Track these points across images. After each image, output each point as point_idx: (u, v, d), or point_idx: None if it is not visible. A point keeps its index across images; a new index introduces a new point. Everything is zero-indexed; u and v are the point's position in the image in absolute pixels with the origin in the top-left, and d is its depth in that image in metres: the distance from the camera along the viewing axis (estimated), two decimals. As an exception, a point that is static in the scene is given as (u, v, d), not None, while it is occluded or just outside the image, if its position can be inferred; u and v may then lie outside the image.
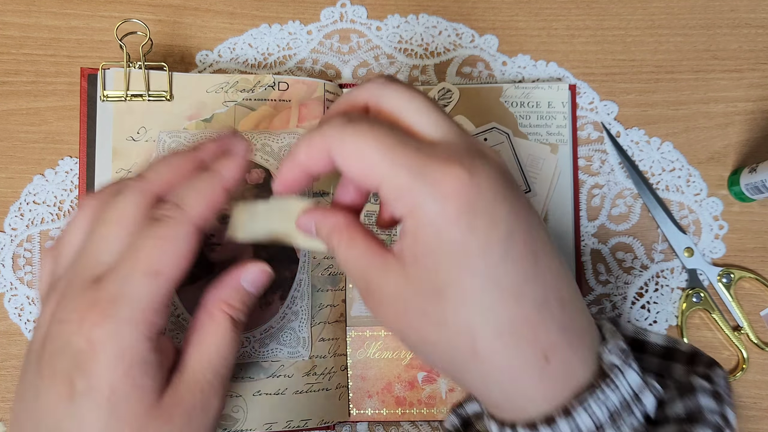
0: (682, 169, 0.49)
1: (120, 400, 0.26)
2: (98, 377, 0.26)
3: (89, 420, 0.26)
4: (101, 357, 0.26)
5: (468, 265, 0.25)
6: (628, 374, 0.27)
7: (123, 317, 0.27)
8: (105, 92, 0.45)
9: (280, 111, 0.46)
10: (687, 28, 0.51)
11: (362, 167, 0.26)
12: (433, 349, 0.27)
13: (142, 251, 0.28)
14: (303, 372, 0.44)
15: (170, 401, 0.28)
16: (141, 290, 0.27)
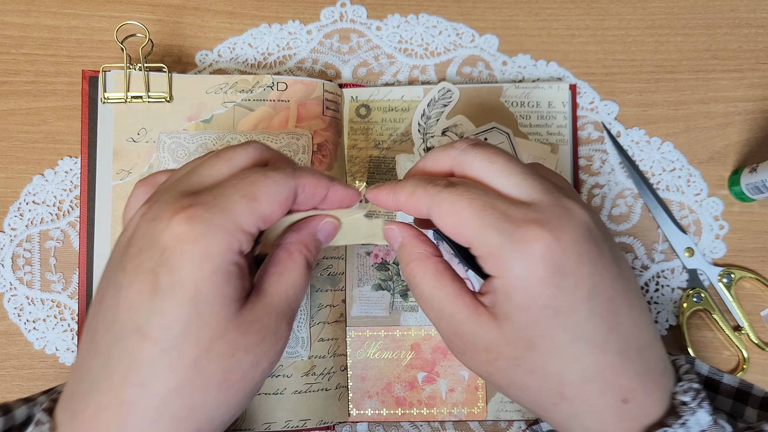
0: (682, 169, 0.49)
1: (203, 301, 0.26)
2: (184, 274, 0.26)
3: (171, 317, 0.26)
4: (188, 255, 0.26)
5: (557, 322, 0.28)
6: (698, 413, 0.29)
7: (213, 222, 0.27)
8: (106, 94, 0.45)
9: (278, 111, 0.46)
10: (687, 28, 0.51)
11: (455, 227, 0.29)
12: (523, 392, 0.30)
13: (247, 179, 0.29)
14: (302, 372, 0.44)
15: (248, 317, 0.28)
16: (235, 207, 0.28)
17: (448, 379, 0.46)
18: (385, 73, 0.50)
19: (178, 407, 0.27)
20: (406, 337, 0.46)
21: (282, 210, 0.30)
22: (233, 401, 0.28)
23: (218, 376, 0.27)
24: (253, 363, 0.28)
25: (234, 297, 0.27)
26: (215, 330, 0.27)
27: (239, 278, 0.28)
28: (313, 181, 0.31)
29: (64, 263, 0.47)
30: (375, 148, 0.48)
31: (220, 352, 0.27)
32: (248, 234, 0.28)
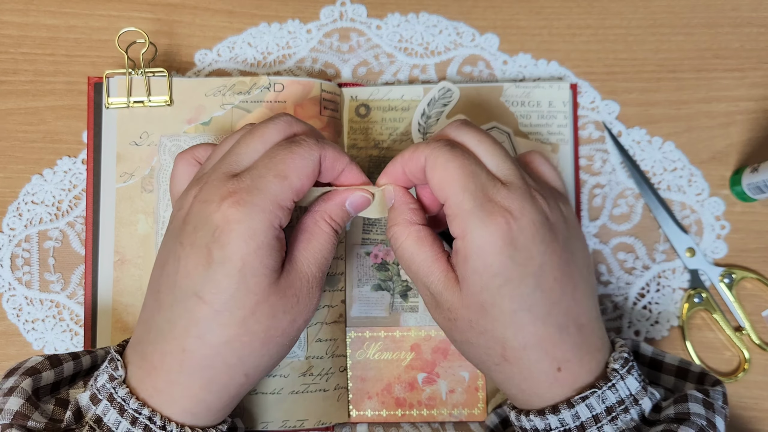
0: (683, 169, 0.49)
1: (249, 272, 0.31)
2: (232, 249, 0.31)
3: (223, 285, 0.31)
4: (235, 233, 0.31)
5: (506, 291, 0.32)
6: (627, 379, 0.33)
7: (255, 204, 0.31)
8: (109, 99, 0.46)
9: (275, 112, 0.45)
10: (689, 27, 0.51)
11: (441, 182, 0.33)
12: (473, 349, 0.35)
13: (277, 158, 0.33)
14: (299, 372, 0.44)
15: (285, 283, 0.33)
16: (270, 187, 0.32)
17: (448, 380, 0.46)
18: (385, 72, 0.50)
19: (229, 356, 0.32)
20: (406, 338, 0.46)
21: (311, 181, 0.34)
22: (274, 352, 0.34)
23: (262, 333, 0.32)
24: (291, 321, 0.33)
25: (274, 267, 0.32)
26: (259, 296, 0.32)
27: (278, 250, 0.32)
28: (334, 154, 0.35)
29: (63, 263, 0.47)
30: (375, 148, 0.48)
31: (263, 314, 0.32)
32: (285, 209, 0.33)
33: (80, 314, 0.47)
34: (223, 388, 0.33)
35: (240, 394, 0.35)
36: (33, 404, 0.33)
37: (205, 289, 0.32)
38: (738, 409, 0.47)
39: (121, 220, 0.45)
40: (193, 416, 0.33)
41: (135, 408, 0.32)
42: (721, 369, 0.48)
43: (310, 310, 0.35)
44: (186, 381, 0.33)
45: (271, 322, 0.33)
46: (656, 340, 0.48)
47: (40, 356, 0.36)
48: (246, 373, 0.34)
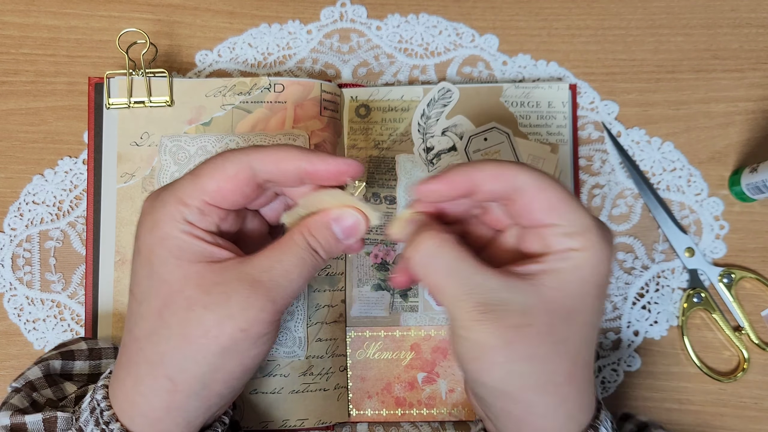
0: (682, 169, 0.49)
1: (158, 261, 0.31)
2: (141, 240, 0.32)
3: (139, 275, 0.32)
4: (143, 225, 0.32)
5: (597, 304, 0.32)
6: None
7: (161, 198, 0.32)
8: (110, 100, 0.46)
9: (275, 113, 0.46)
10: (688, 28, 0.51)
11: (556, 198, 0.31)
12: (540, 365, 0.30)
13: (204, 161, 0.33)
14: (299, 372, 0.44)
15: (213, 278, 0.31)
16: (181, 183, 0.32)
17: (448, 379, 0.46)
18: (385, 73, 0.50)
19: (150, 352, 0.31)
20: (405, 338, 0.46)
21: (231, 186, 0.32)
22: (200, 357, 0.30)
23: (178, 327, 0.30)
24: (216, 322, 0.30)
25: (192, 259, 0.31)
26: (172, 285, 0.31)
27: (195, 244, 0.31)
28: (273, 155, 0.32)
29: (64, 263, 0.47)
30: (375, 148, 0.48)
31: (178, 305, 0.30)
32: (193, 207, 0.31)
33: (81, 314, 0.47)
34: (150, 391, 0.31)
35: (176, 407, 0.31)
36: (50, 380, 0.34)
37: (132, 281, 0.33)
38: (737, 409, 0.47)
39: (122, 221, 0.45)
40: (131, 420, 0.31)
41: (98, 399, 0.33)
42: (720, 369, 0.48)
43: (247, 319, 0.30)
44: (122, 377, 0.32)
45: (188, 316, 0.30)
46: (655, 340, 0.48)
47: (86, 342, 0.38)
48: (169, 377, 0.30)
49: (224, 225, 0.33)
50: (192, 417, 0.32)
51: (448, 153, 0.47)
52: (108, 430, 0.31)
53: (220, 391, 0.32)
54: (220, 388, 0.31)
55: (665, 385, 0.48)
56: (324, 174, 0.32)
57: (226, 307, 0.30)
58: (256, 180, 0.32)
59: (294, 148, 0.32)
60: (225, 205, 0.32)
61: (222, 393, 0.32)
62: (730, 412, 0.47)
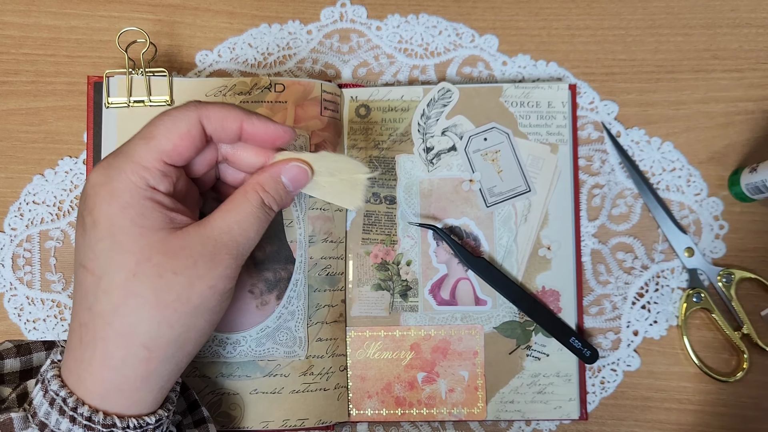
0: (682, 169, 0.49)
1: (120, 232, 0.31)
2: (98, 212, 0.31)
3: (98, 249, 0.31)
4: (100, 197, 0.31)
5: None
6: None
7: (116, 166, 0.31)
8: (109, 99, 0.46)
9: (276, 113, 0.46)
10: (687, 28, 0.51)
11: None
12: None
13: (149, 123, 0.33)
14: (300, 371, 0.44)
15: (177, 243, 0.31)
16: (134, 148, 0.32)
17: (447, 379, 0.46)
18: (385, 73, 0.50)
19: (119, 324, 0.31)
20: (405, 337, 0.46)
21: (186, 143, 0.33)
22: (174, 320, 0.31)
23: (150, 295, 0.31)
24: (187, 284, 0.31)
25: (154, 227, 0.31)
26: (137, 255, 0.31)
27: (156, 210, 0.32)
28: (219, 113, 0.34)
29: (64, 263, 0.47)
30: (375, 148, 0.48)
31: (147, 274, 0.31)
32: (153, 170, 0.32)
33: (81, 314, 0.47)
34: (123, 364, 0.31)
35: (150, 375, 0.32)
36: None
37: (86, 257, 0.31)
38: (737, 409, 0.47)
39: None
40: (101, 399, 0.31)
41: (54, 389, 0.31)
42: (719, 368, 0.48)
43: (215, 276, 0.32)
44: (86, 357, 0.31)
45: (159, 283, 0.31)
46: (655, 340, 0.48)
47: (11, 342, 0.36)
48: (145, 345, 0.31)
49: (178, 186, 0.34)
50: (164, 381, 0.33)
51: (448, 153, 0.47)
52: (77, 414, 0.30)
53: (190, 350, 0.33)
54: (190, 347, 0.33)
55: (665, 385, 0.48)
56: (262, 136, 0.35)
57: (194, 269, 0.31)
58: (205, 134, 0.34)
59: (237, 108, 0.34)
60: (180, 162, 0.33)
61: (191, 352, 0.33)
62: (729, 412, 0.47)
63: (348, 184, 0.36)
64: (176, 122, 0.33)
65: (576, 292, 0.47)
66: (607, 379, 0.48)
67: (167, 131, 0.32)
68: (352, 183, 0.36)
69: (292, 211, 0.44)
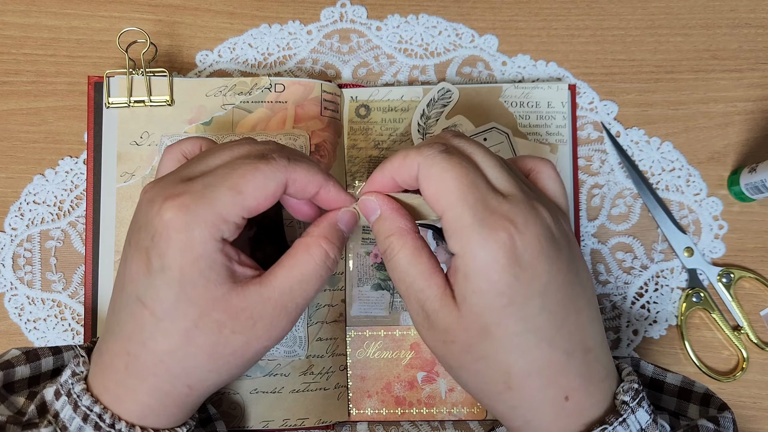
0: (681, 169, 0.49)
1: (188, 284, 0.30)
2: (171, 258, 0.30)
3: (163, 294, 0.30)
4: (173, 242, 0.30)
5: (510, 311, 0.29)
6: (638, 413, 0.31)
7: (198, 214, 0.30)
8: (110, 99, 0.46)
9: (276, 112, 0.46)
10: (687, 28, 0.51)
11: (437, 193, 0.30)
12: (472, 377, 0.31)
13: (237, 170, 0.31)
14: (300, 371, 0.44)
15: (238, 302, 0.31)
16: (220, 198, 0.30)
17: (447, 378, 0.46)
18: (385, 73, 0.51)
19: (173, 365, 0.31)
20: (405, 337, 0.47)
21: (269, 202, 0.32)
22: (224, 370, 0.32)
23: (208, 347, 0.31)
24: (244, 343, 0.31)
25: (219, 281, 0.30)
26: (201, 308, 0.30)
27: (223, 264, 0.31)
28: (305, 177, 0.33)
29: (65, 263, 0.48)
30: (375, 148, 0.48)
31: (207, 327, 0.30)
32: (232, 224, 0.31)
33: (81, 313, 0.47)
34: (166, 396, 0.32)
35: (187, 404, 0.33)
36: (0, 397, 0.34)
37: (147, 295, 0.31)
38: (737, 409, 0.47)
39: (122, 220, 0.45)
40: (139, 419, 0.32)
41: (87, 405, 0.32)
42: (719, 368, 0.48)
43: (271, 338, 0.32)
44: (131, 384, 0.32)
45: (218, 339, 0.31)
46: (654, 339, 0.48)
47: (18, 349, 0.36)
48: (189, 385, 0.32)
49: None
50: (197, 405, 0.34)
51: (447, 153, 0.48)
52: (115, 430, 0.32)
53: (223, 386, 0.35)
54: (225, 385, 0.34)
55: (664, 384, 0.48)
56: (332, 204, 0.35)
57: (253, 330, 0.31)
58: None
59: (320, 173, 0.33)
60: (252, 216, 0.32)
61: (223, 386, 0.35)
62: (729, 412, 0.47)
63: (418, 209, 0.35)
64: (267, 182, 0.31)
65: (576, 291, 0.47)
66: (607, 379, 0.48)
67: (256, 190, 0.31)
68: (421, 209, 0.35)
69: (292, 211, 0.45)
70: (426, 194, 0.31)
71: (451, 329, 0.30)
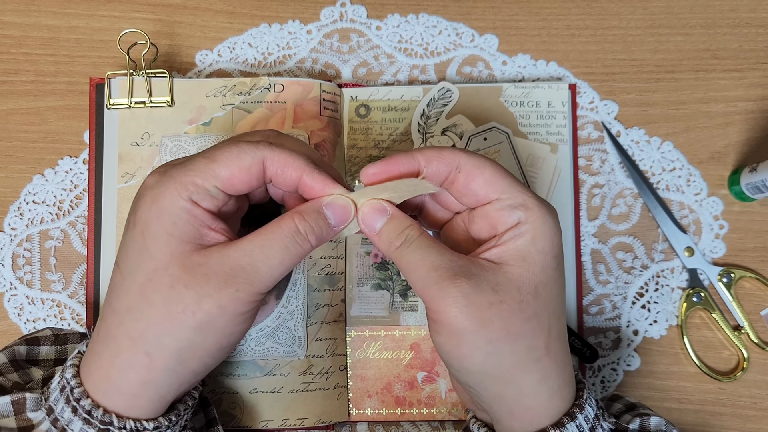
0: (682, 169, 0.49)
1: (149, 237, 0.31)
2: (139, 213, 0.32)
3: (128, 248, 0.32)
4: (144, 198, 0.32)
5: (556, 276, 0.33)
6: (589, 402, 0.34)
7: (171, 175, 0.32)
8: (111, 100, 0.46)
9: (275, 112, 0.46)
10: (687, 28, 0.51)
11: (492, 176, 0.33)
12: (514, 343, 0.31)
13: (218, 145, 0.33)
14: (299, 371, 0.44)
15: (197, 259, 0.31)
16: (193, 164, 0.32)
17: (447, 378, 0.46)
18: (384, 72, 0.50)
19: (130, 327, 0.31)
20: (405, 337, 0.46)
21: (245, 175, 0.32)
22: (178, 333, 0.31)
23: (160, 303, 0.31)
24: (195, 300, 0.31)
25: (182, 238, 0.31)
26: (158, 261, 0.31)
27: (189, 223, 0.31)
28: (284, 159, 0.33)
29: (65, 263, 0.48)
30: (375, 148, 0.48)
31: (160, 282, 0.31)
32: (202, 189, 0.32)
33: (81, 313, 0.47)
34: (127, 366, 0.31)
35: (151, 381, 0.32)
36: (15, 365, 0.35)
37: (120, 255, 0.33)
38: (736, 409, 0.47)
39: (123, 220, 0.44)
40: (104, 395, 0.32)
41: (67, 377, 0.32)
42: (719, 368, 0.48)
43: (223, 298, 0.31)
44: (99, 351, 0.32)
45: (170, 294, 0.31)
46: (655, 339, 0.48)
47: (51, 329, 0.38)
48: (147, 352, 0.31)
49: (225, 208, 0.34)
50: (165, 392, 0.33)
51: (447, 153, 0.47)
52: (79, 406, 0.31)
53: (194, 368, 0.32)
54: (194, 365, 0.32)
55: (665, 384, 0.48)
56: (318, 193, 0.34)
57: (205, 287, 0.31)
58: (265, 175, 0.33)
59: (302, 158, 0.33)
60: (232, 191, 0.33)
61: (196, 371, 0.33)
62: (729, 412, 0.47)
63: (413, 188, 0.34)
64: (241, 154, 0.32)
65: (576, 291, 0.47)
66: (607, 379, 0.48)
67: (229, 159, 0.32)
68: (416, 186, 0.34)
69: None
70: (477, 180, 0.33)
71: (501, 288, 0.31)
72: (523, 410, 0.33)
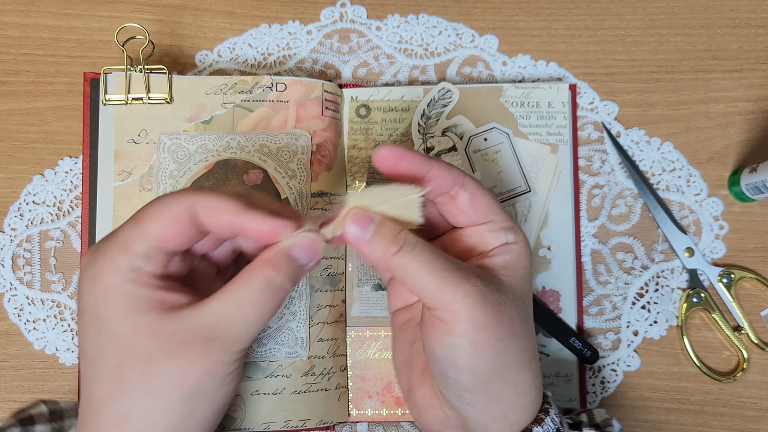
0: (682, 169, 0.49)
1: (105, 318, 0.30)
2: (85, 298, 0.30)
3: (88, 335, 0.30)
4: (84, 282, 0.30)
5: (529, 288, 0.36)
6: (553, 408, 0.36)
7: (102, 248, 0.31)
8: (107, 96, 0.45)
9: (277, 112, 0.46)
10: (687, 28, 0.51)
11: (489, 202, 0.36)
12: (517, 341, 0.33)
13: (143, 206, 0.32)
14: (301, 372, 0.44)
15: (167, 328, 0.30)
16: (121, 232, 0.31)
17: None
18: (385, 73, 0.50)
19: (114, 412, 0.29)
20: (405, 338, 0.46)
21: (177, 226, 0.30)
22: (167, 407, 0.29)
23: (140, 381, 0.29)
24: (179, 370, 0.29)
25: (141, 310, 0.30)
26: (125, 341, 0.29)
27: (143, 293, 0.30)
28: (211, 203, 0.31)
29: (64, 263, 0.47)
30: (375, 148, 0.48)
31: (134, 360, 0.29)
32: (138, 254, 0.30)
33: (81, 314, 0.47)
34: None
35: None
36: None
37: (81, 343, 0.31)
38: (737, 409, 0.47)
39: (119, 220, 0.44)
40: None
41: None
42: (719, 369, 0.48)
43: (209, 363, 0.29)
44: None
45: (148, 369, 0.29)
46: (655, 340, 0.48)
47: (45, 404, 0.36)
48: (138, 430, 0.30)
49: (172, 267, 0.32)
50: None
51: (448, 153, 0.48)
52: None
53: None
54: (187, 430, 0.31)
55: (665, 385, 0.48)
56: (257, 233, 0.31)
57: (186, 356, 0.29)
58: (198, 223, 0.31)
59: (234, 201, 0.31)
60: (170, 247, 0.31)
61: None
62: (729, 412, 0.47)
63: (402, 207, 0.34)
64: (165, 207, 0.31)
65: (576, 292, 0.47)
66: (607, 379, 0.48)
67: (155, 215, 0.31)
68: (406, 205, 0.34)
69: (292, 211, 0.44)
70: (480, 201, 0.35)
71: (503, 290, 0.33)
72: (515, 410, 0.34)
